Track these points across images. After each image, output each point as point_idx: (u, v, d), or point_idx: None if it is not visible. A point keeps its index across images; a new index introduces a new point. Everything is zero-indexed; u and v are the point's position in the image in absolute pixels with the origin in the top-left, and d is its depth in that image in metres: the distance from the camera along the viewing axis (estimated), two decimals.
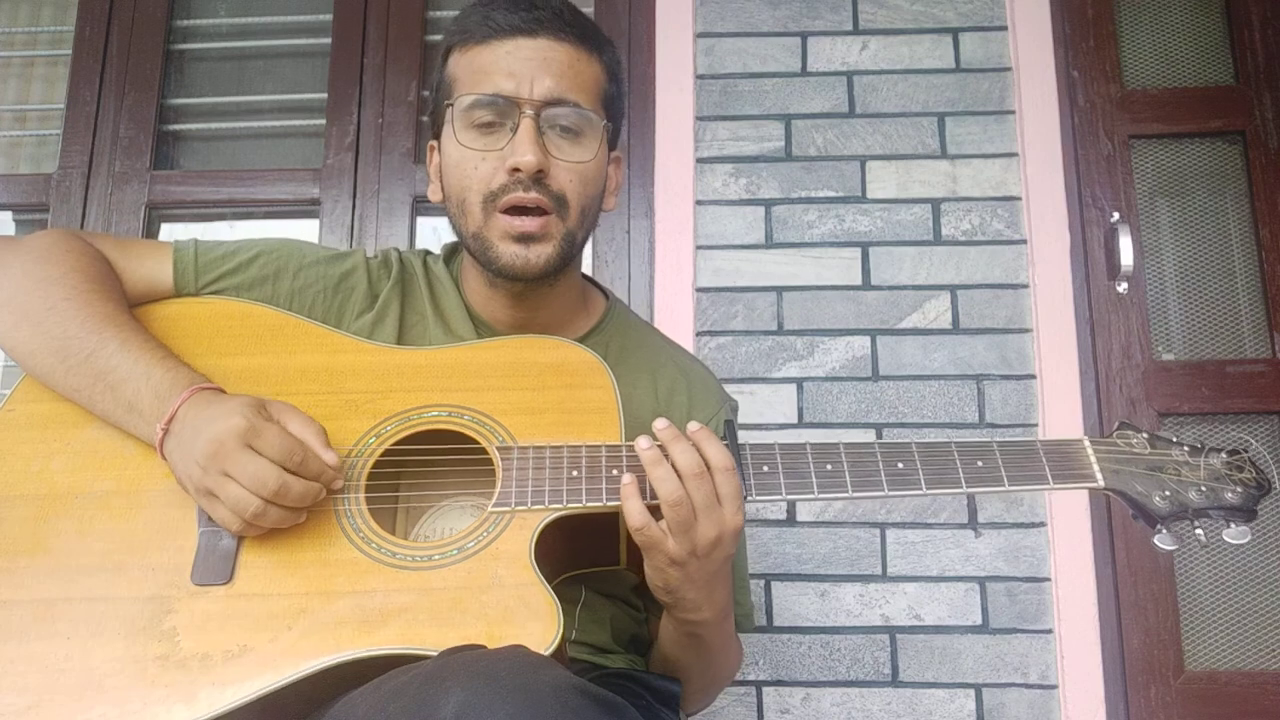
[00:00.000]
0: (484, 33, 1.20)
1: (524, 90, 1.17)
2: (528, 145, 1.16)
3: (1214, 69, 2.44)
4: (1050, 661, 2.07)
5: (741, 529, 1.06)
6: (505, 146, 1.17)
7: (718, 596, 1.11)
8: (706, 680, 1.28)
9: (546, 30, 1.19)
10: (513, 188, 1.17)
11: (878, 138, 2.33)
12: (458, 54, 1.23)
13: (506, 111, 1.18)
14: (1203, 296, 2.32)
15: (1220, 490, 1.08)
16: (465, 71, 1.21)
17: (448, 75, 1.24)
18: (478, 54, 1.20)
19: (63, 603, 1.02)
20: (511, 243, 1.19)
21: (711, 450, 1.06)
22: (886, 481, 1.09)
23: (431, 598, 1.01)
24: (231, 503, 1.01)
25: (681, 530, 1.03)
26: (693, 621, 1.13)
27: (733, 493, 1.04)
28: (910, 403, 2.20)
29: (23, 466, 1.11)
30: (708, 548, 1.03)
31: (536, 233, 1.19)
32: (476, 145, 1.19)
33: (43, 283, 1.15)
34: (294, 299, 1.28)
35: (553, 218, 1.19)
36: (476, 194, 1.19)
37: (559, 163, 1.19)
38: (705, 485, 1.03)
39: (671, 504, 1.02)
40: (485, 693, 0.78)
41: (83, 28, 2.55)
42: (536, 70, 1.18)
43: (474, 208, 1.20)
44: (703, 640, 1.17)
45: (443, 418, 1.14)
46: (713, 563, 1.05)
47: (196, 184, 2.49)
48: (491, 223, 1.19)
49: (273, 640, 0.99)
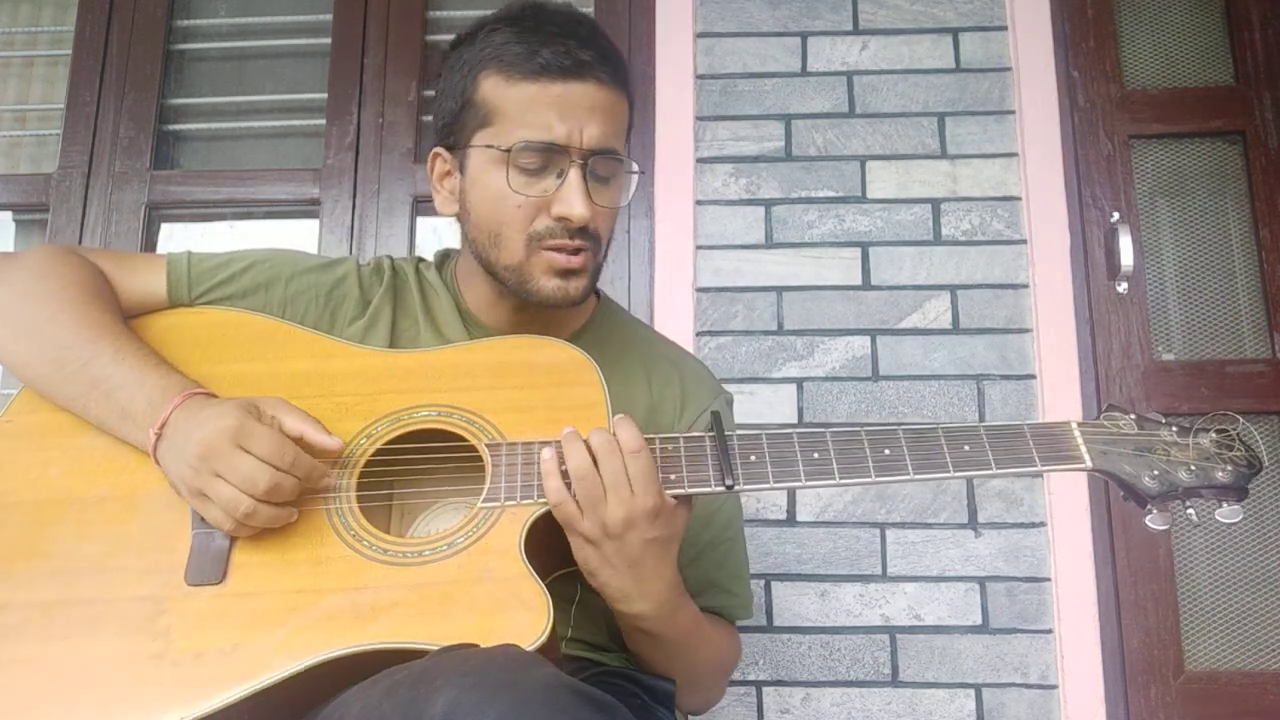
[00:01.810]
0: (531, 69, 1.17)
1: (574, 139, 1.17)
2: (579, 200, 1.17)
3: (1214, 69, 2.43)
4: (1050, 661, 2.06)
5: (658, 514, 1.06)
6: (552, 193, 1.18)
7: (651, 588, 1.10)
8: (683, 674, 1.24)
9: (593, 74, 1.18)
10: (559, 234, 1.19)
11: (878, 138, 2.33)
12: (498, 80, 1.19)
13: (554, 158, 1.18)
14: (1203, 296, 2.32)
15: (1211, 469, 1.08)
16: (510, 106, 1.18)
17: (483, 100, 1.20)
18: (524, 90, 1.18)
19: (59, 605, 1.03)
20: (554, 277, 1.21)
21: (624, 433, 1.07)
22: (874, 468, 1.09)
23: (422, 592, 1.02)
24: (223, 503, 1.02)
25: (590, 506, 1.05)
26: (629, 614, 1.11)
27: (642, 473, 1.05)
28: (910, 403, 2.20)
29: (21, 474, 1.13)
30: (619, 527, 1.04)
31: (578, 268, 1.21)
32: (521, 186, 1.18)
33: (40, 296, 1.18)
34: (287, 307, 1.29)
35: (588, 254, 1.22)
36: (518, 232, 1.20)
37: (598, 208, 1.20)
38: (614, 462, 1.05)
39: (578, 478, 1.05)
40: (475, 691, 0.78)
41: (83, 28, 2.55)
42: (585, 118, 1.18)
43: (513, 244, 1.21)
44: (651, 635, 1.15)
45: (433, 417, 1.15)
46: (629, 546, 1.05)
47: (196, 184, 2.50)
48: (535, 259, 1.20)
49: (265, 637, 0.99)
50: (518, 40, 1.19)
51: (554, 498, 1.06)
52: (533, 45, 1.17)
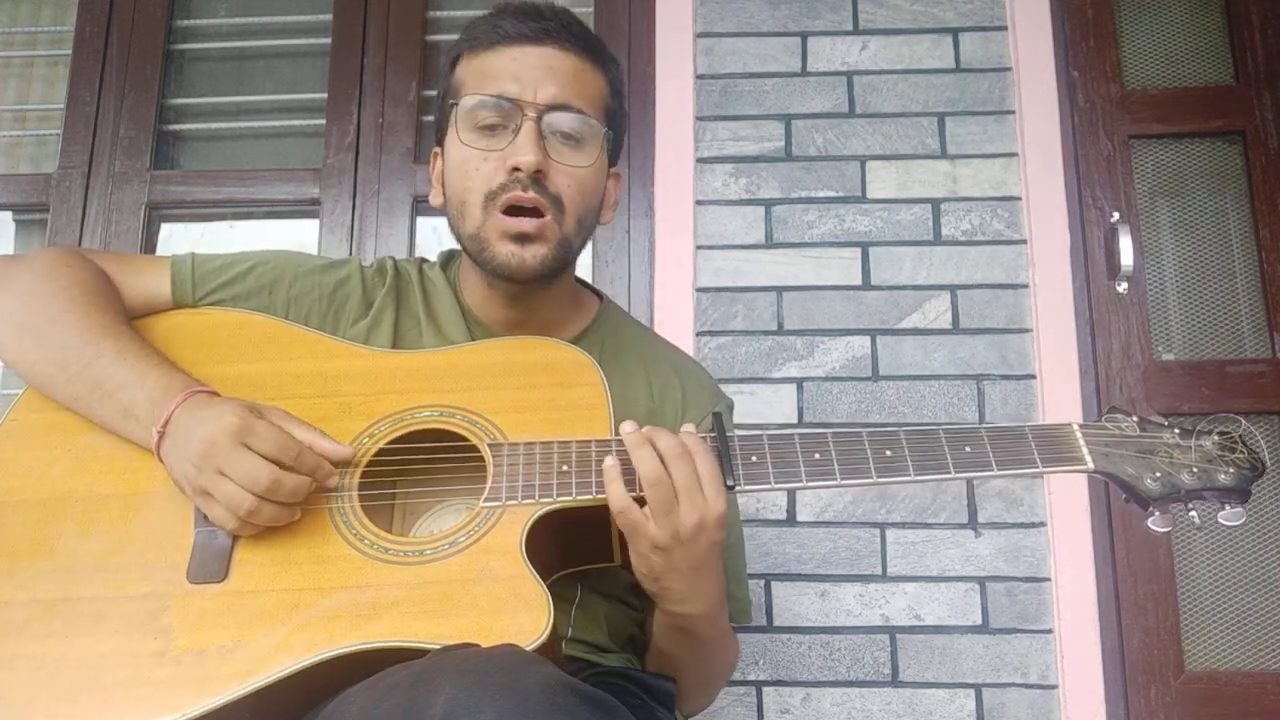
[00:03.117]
0: (491, 39, 1.23)
1: (527, 94, 1.20)
2: (528, 145, 1.18)
3: (1214, 69, 2.43)
4: (1050, 661, 2.06)
5: (725, 516, 1.06)
6: (506, 147, 1.19)
7: (705, 589, 1.11)
8: (701, 677, 1.28)
9: (553, 39, 1.22)
10: (511, 186, 1.19)
11: (878, 138, 2.33)
12: (466, 60, 1.26)
13: (510, 114, 1.20)
14: (1203, 296, 2.32)
15: (1213, 472, 1.09)
16: (472, 75, 1.24)
17: (454, 80, 1.27)
18: (485, 59, 1.23)
19: (62, 602, 1.04)
20: (509, 242, 1.20)
21: (690, 438, 1.07)
22: (875, 469, 1.10)
23: (423, 591, 1.02)
24: (226, 500, 1.03)
25: (663, 512, 1.04)
26: (681, 614, 1.13)
27: (711, 475, 1.05)
28: (910, 403, 2.20)
29: (24, 473, 1.14)
30: (691, 532, 1.04)
31: (533, 233, 1.20)
32: (479, 145, 1.21)
33: (44, 298, 1.19)
34: (290, 308, 1.30)
35: (549, 220, 1.21)
36: (477, 194, 1.21)
37: (558, 165, 1.21)
38: (686, 466, 1.05)
39: (652, 483, 1.03)
40: (474, 690, 0.79)
41: (83, 28, 2.55)
42: (541, 76, 1.21)
43: (474, 208, 1.22)
44: (694, 635, 1.17)
45: (435, 417, 1.16)
46: (698, 549, 1.06)
47: (196, 184, 2.50)
48: (490, 222, 1.21)
49: (266, 635, 1.00)
50: (485, 22, 1.25)
51: (618, 504, 1.05)
52: (497, 21, 1.23)
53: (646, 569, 1.08)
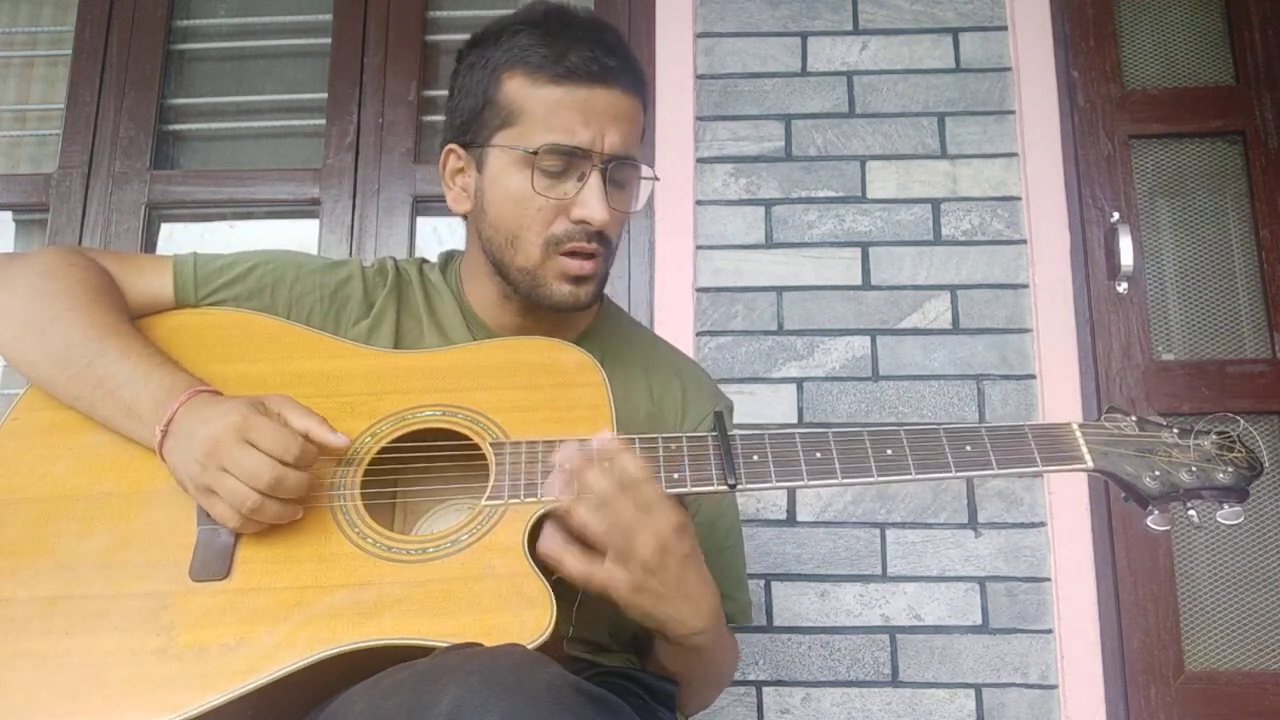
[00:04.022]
0: (558, 72, 1.18)
1: (597, 144, 1.18)
2: (599, 203, 1.18)
3: (1214, 69, 2.44)
4: (1050, 661, 2.06)
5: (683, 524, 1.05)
6: (574, 197, 1.19)
7: (703, 604, 1.09)
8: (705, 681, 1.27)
9: (617, 81, 1.20)
10: (577, 237, 1.20)
11: (878, 138, 2.33)
12: (523, 81, 1.20)
13: (577, 163, 1.19)
14: (1203, 296, 2.32)
15: (1211, 471, 1.09)
16: (535, 108, 1.19)
17: (506, 100, 1.21)
18: (549, 92, 1.18)
19: (63, 600, 1.04)
20: (566, 282, 1.22)
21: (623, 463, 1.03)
22: (876, 468, 1.10)
23: (426, 589, 1.02)
24: (229, 497, 1.03)
25: (623, 557, 1.02)
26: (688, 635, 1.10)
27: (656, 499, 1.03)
28: (910, 403, 2.20)
29: (26, 471, 1.14)
30: (656, 558, 1.02)
31: (590, 273, 1.23)
32: (543, 189, 1.19)
33: (46, 296, 1.18)
34: (291, 308, 1.30)
35: (600, 259, 1.23)
36: (536, 235, 1.21)
37: (614, 213, 1.21)
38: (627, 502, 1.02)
39: (603, 533, 1.02)
40: (481, 689, 0.79)
41: (83, 28, 2.55)
42: (607, 123, 1.19)
43: (531, 246, 1.22)
44: (701, 650, 1.14)
45: (437, 417, 1.16)
46: (669, 571, 1.04)
47: (196, 184, 2.50)
48: (550, 263, 1.22)
49: (269, 633, 1.00)
50: (544, 43, 1.19)
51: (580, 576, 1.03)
52: (559, 49, 1.18)
53: (639, 614, 1.06)
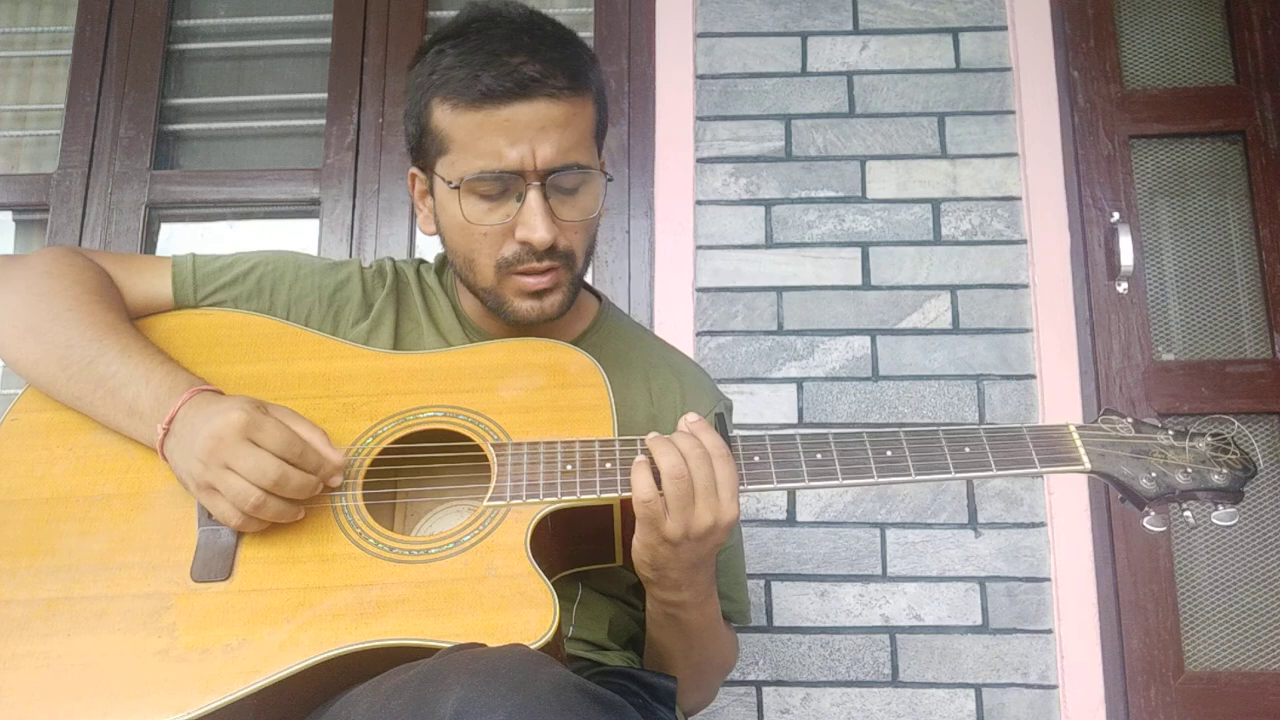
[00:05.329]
0: (473, 97, 1.13)
1: (527, 161, 1.14)
2: (540, 223, 1.15)
3: (1214, 69, 2.44)
4: (1050, 661, 2.07)
5: (736, 521, 1.08)
6: (514, 216, 1.17)
7: (699, 578, 1.13)
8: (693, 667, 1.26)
9: (541, 91, 1.13)
10: (526, 258, 1.18)
11: (878, 138, 2.33)
12: (445, 109, 1.16)
13: (512, 184, 1.16)
14: (1203, 296, 2.32)
15: (1206, 472, 1.10)
16: (460, 135, 1.16)
17: (435, 128, 1.18)
18: (469, 118, 1.15)
19: (64, 601, 1.03)
20: (526, 298, 1.21)
21: (708, 437, 1.08)
22: (876, 469, 1.11)
23: (428, 590, 1.02)
24: (232, 495, 1.03)
25: (679, 507, 1.04)
26: (672, 601, 1.14)
27: (728, 480, 1.06)
28: (910, 403, 2.20)
29: (25, 472, 1.13)
30: (702, 532, 1.05)
31: (550, 286, 1.21)
32: (480, 215, 1.17)
33: (46, 296, 1.18)
34: (291, 309, 1.30)
35: (561, 270, 1.21)
36: (487, 258, 1.20)
37: (565, 224, 1.19)
38: (705, 467, 1.05)
39: (673, 477, 1.04)
40: (485, 690, 0.79)
41: (83, 28, 2.55)
42: (536, 137, 1.14)
43: (484, 270, 1.21)
44: (682, 623, 1.17)
45: (438, 418, 1.16)
46: (704, 547, 1.07)
47: (196, 184, 2.50)
48: (505, 283, 1.21)
49: (271, 634, 1.00)
50: (460, 64, 1.15)
51: (644, 493, 1.05)
52: (474, 69, 1.13)
53: (650, 558, 1.09)
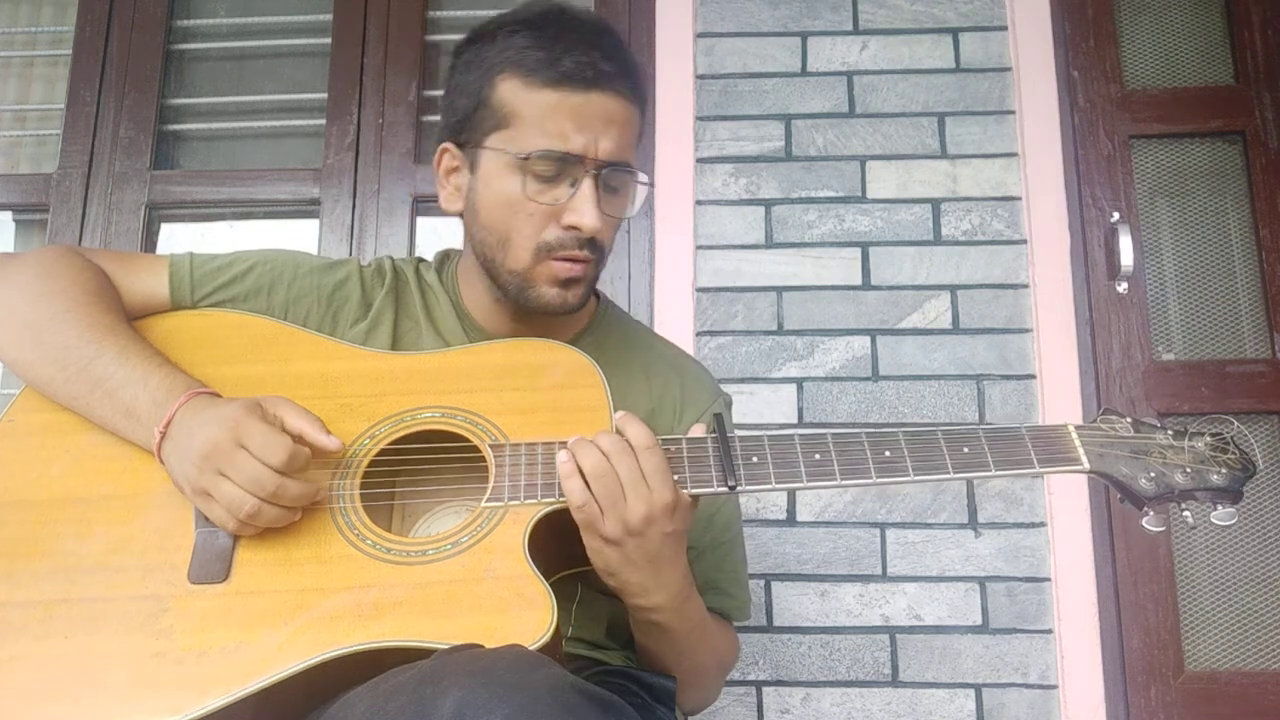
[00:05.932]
0: (552, 76, 1.16)
1: (590, 150, 1.16)
2: (592, 210, 1.17)
3: (1214, 69, 2.43)
4: (1050, 661, 2.07)
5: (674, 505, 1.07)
6: (564, 202, 1.18)
7: (667, 579, 1.11)
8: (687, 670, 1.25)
9: (612, 86, 1.17)
10: (569, 244, 1.19)
11: (878, 138, 2.33)
12: (517, 85, 1.18)
13: (570, 168, 1.17)
14: (1203, 296, 2.32)
15: (1205, 472, 1.10)
16: (528, 111, 1.17)
17: (500, 102, 1.19)
18: (543, 96, 1.16)
19: (61, 604, 1.03)
20: (555, 286, 1.21)
21: (632, 430, 1.08)
22: (875, 469, 1.11)
23: (426, 591, 1.02)
24: (227, 502, 1.02)
25: (610, 504, 1.05)
26: (645, 608, 1.12)
27: (656, 469, 1.06)
28: (910, 403, 2.20)
29: (22, 473, 1.13)
30: (640, 524, 1.05)
31: (579, 275, 1.22)
32: (535, 194, 1.18)
33: (43, 297, 1.18)
34: (289, 309, 1.30)
35: (592, 263, 1.23)
36: (527, 239, 1.20)
37: (606, 218, 1.20)
38: (627, 459, 1.05)
39: (597, 476, 1.05)
40: (483, 691, 0.79)
41: (83, 28, 2.55)
42: (601, 129, 1.17)
43: (521, 251, 1.21)
44: (662, 628, 1.16)
45: (436, 418, 1.16)
46: (650, 542, 1.06)
47: (196, 184, 2.50)
48: (540, 268, 1.21)
49: (269, 636, 1.00)
50: (539, 46, 1.17)
51: (577, 499, 1.05)
52: (555, 52, 1.16)
53: (602, 563, 1.09)
